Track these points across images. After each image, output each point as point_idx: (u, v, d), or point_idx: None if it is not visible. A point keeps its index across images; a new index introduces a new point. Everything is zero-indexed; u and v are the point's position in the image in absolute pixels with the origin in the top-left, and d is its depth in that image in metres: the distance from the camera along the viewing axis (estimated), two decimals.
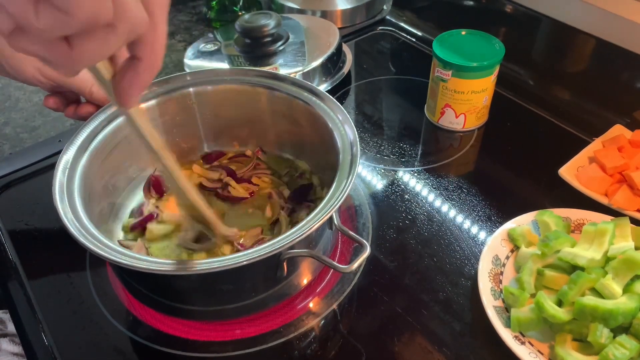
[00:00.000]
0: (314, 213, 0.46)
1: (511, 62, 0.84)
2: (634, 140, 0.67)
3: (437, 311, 0.55)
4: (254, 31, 0.80)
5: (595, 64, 0.78)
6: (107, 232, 0.57)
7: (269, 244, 0.44)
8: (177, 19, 1.06)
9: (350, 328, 0.54)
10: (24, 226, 0.65)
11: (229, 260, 0.43)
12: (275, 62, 0.81)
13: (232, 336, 0.53)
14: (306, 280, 0.55)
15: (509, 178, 0.71)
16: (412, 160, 0.73)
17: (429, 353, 0.51)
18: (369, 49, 0.97)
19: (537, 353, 0.49)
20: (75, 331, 0.55)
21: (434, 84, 0.75)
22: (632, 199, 0.61)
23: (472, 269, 0.59)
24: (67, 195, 0.49)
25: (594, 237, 0.55)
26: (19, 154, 0.74)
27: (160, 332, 0.54)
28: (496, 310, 0.52)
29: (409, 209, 0.66)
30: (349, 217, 0.65)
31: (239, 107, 0.64)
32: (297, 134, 0.63)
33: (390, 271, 0.59)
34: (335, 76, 0.85)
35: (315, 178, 0.64)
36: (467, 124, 0.76)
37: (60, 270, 0.61)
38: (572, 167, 0.66)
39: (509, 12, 0.86)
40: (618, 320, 0.47)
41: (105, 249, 0.44)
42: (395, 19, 1.03)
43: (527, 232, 0.58)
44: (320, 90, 0.59)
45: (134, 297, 0.56)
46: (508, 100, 0.82)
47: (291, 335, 0.53)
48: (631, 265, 0.50)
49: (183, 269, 0.43)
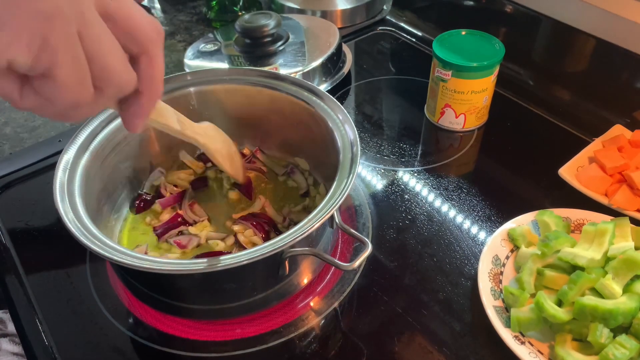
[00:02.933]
0: (315, 212, 0.46)
1: (511, 62, 0.84)
2: (634, 140, 0.67)
3: (437, 311, 0.55)
4: (254, 31, 0.80)
5: (595, 64, 0.78)
6: (108, 231, 0.57)
7: (271, 243, 0.44)
8: (177, 19, 1.06)
9: (351, 328, 0.54)
10: (24, 226, 0.65)
11: (231, 259, 0.43)
12: (275, 62, 0.81)
13: (232, 336, 0.53)
14: (306, 280, 0.55)
15: (509, 178, 0.71)
16: (412, 160, 0.73)
17: (429, 353, 0.51)
18: (369, 49, 0.97)
19: (537, 353, 0.49)
20: (75, 331, 0.55)
21: (434, 84, 0.75)
22: (632, 199, 0.61)
23: (472, 269, 0.59)
24: (68, 195, 0.49)
25: (594, 237, 0.55)
26: (19, 154, 0.74)
27: (160, 331, 0.54)
28: (496, 310, 0.52)
29: (409, 209, 0.66)
30: (349, 217, 0.65)
31: (239, 107, 0.65)
32: (297, 134, 0.63)
33: (391, 271, 0.59)
34: (335, 76, 0.85)
35: (313, 176, 0.65)
36: (467, 124, 0.76)
37: (61, 270, 0.61)
38: (572, 167, 0.66)
39: (509, 12, 0.86)
40: (618, 320, 0.47)
41: (105, 249, 0.44)
42: (395, 19, 1.03)
43: (527, 232, 0.58)
44: (320, 90, 0.59)
45: (134, 297, 0.56)
46: (508, 100, 0.82)
47: (291, 334, 0.53)
48: (631, 265, 0.50)
49: (185, 268, 0.43)
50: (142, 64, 0.33)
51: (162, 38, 0.34)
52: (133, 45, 0.32)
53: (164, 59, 0.34)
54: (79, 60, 0.28)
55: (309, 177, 0.65)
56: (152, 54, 0.33)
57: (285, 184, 0.65)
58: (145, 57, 0.33)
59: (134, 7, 0.32)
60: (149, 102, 0.35)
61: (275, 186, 0.65)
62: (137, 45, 0.32)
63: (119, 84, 0.31)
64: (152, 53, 0.33)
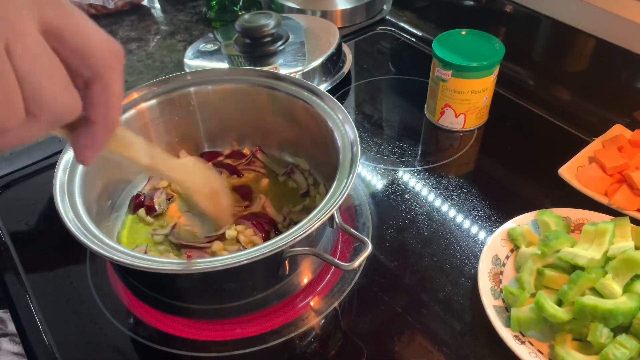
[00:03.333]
0: (315, 211, 0.46)
1: (511, 62, 0.84)
2: (634, 140, 0.67)
3: (437, 311, 0.55)
4: (254, 31, 0.80)
5: (595, 64, 0.78)
6: (108, 231, 0.57)
7: (271, 243, 0.44)
8: (177, 19, 1.06)
9: (351, 327, 0.54)
10: (24, 226, 0.65)
11: (231, 259, 0.43)
12: (275, 62, 0.81)
13: (232, 335, 0.53)
14: (306, 280, 0.55)
15: (509, 178, 0.71)
16: (412, 160, 0.73)
17: (429, 352, 0.51)
18: (369, 49, 0.97)
19: (537, 353, 0.49)
20: (75, 331, 0.55)
21: (434, 84, 0.75)
22: (632, 198, 0.61)
23: (472, 269, 0.59)
24: (68, 194, 0.49)
25: (594, 236, 0.55)
26: (19, 154, 0.74)
27: (160, 331, 0.54)
28: (496, 310, 0.52)
29: (409, 208, 0.66)
30: (349, 217, 0.65)
31: (239, 107, 0.65)
32: (297, 133, 0.63)
33: (391, 271, 0.59)
34: (335, 76, 0.85)
35: (313, 176, 0.65)
36: (467, 124, 0.76)
37: (61, 269, 0.61)
38: (572, 167, 0.66)
39: (509, 12, 0.86)
40: (618, 320, 0.47)
41: (106, 249, 0.44)
42: (395, 19, 1.03)
43: (527, 232, 0.58)
44: (320, 90, 0.59)
45: (134, 296, 0.56)
46: (508, 100, 0.82)
47: (292, 334, 0.53)
48: (631, 265, 0.50)
49: (185, 268, 0.43)
50: (95, 90, 0.29)
51: (121, 61, 0.30)
52: (84, 68, 0.28)
53: (122, 84, 0.31)
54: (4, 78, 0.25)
55: (309, 177, 0.65)
56: (107, 79, 0.29)
57: (285, 184, 0.65)
58: (99, 82, 0.29)
59: (87, 25, 0.28)
60: (102, 133, 0.31)
61: (275, 186, 0.65)
62: (89, 69, 0.28)
63: (56, 110, 0.27)
64: (107, 78, 0.29)
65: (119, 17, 1.06)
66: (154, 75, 0.89)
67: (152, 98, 0.61)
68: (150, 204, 0.60)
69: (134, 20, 1.06)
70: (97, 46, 0.28)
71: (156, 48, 0.97)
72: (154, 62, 0.93)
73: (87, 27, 0.28)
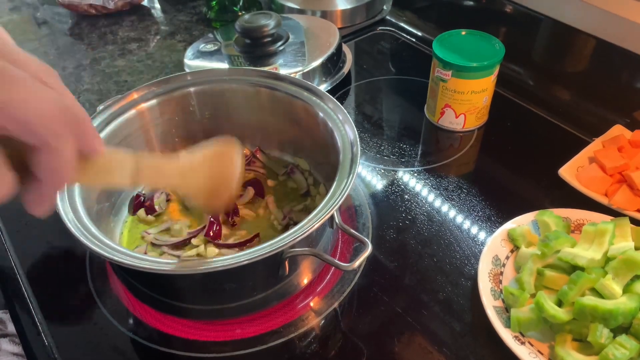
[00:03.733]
0: (315, 212, 0.46)
1: (511, 62, 0.84)
2: (634, 140, 0.67)
3: (437, 311, 0.55)
4: (254, 31, 0.80)
5: (595, 64, 0.78)
6: (108, 231, 0.57)
7: (271, 243, 0.44)
8: (177, 19, 1.06)
9: (351, 328, 0.54)
10: (24, 226, 0.65)
11: (231, 259, 0.43)
12: (275, 62, 0.81)
13: (232, 336, 0.53)
14: (306, 280, 0.55)
15: (509, 178, 0.71)
16: (412, 161, 0.73)
17: (429, 353, 0.51)
18: (369, 49, 0.97)
19: (537, 353, 0.49)
20: (75, 331, 0.55)
21: (434, 84, 0.75)
22: (632, 199, 0.61)
23: (472, 269, 0.59)
24: (68, 195, 0.49)
25: (594, 237, 0.55)
26: None
27: (160, 332, 0.54)
28: (496, 310, 0.52)
29: (409, 209, 0.66)
30: (349, 217, 0.65)
31: (239, 107, 0.65)
32: (297, 134, 0.63)
33: (391, 271, 0.59)
34: (335, 76, 0.85)
35: (313, 176, 0.65)
36: (467, 124, 0.76)
37: (60, 270, 0.61)
38: (572, 167, 0.66)
39: (509, 12, 0.86)
40: (618, 320, 0.47)
41: (105, 249, 0.44)
42: (395, 19, 1.03)
43: (527, 232, 0.58)
44: (320, 90, 0.59)
45: (134, 297, 0.56)
46: (508, 100, 0.82)
47: (291, 335, 0.53)
48: (631, 265, 0.50)
49: (185, 268, 0.43)
50: (42, 156, 0.27)
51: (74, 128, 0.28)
52: (27, 136, 0.26)
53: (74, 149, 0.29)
54: None
55: (309, 177, 0.65)
56: (55, 147, 0.27)
57: (285, 184, 0.65)
58: (46, 150, 0.27)
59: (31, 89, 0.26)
60: (48, 190, 0.29)
61: (275, 186, 0.65)
62: (33, 138, 0.27)
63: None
64: (54, 147, 0.27)
65: (119, 17, 1.07)
66: (154, 76, 0.89)
67: (152, 98, 0.61)
68: (150, 204, 0.60)
69: (134, 20, 1.06)
70: (42, 116, 0.27)
71: (156, 48, 0.97)
72: (154, 62, 0.93)
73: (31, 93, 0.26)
